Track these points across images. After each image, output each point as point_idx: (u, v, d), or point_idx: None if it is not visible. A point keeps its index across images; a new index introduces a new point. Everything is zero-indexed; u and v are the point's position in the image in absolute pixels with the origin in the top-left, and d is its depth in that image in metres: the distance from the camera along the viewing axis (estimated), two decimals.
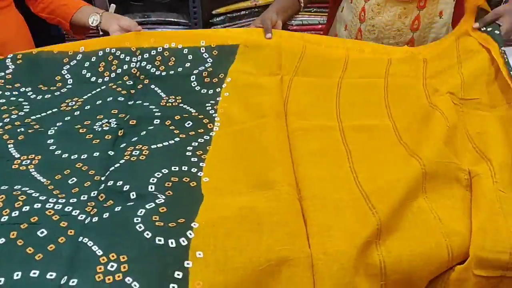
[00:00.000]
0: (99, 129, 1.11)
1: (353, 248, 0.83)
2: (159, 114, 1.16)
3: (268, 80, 1.26)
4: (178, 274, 0.79)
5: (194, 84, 1.27)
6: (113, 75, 1.28)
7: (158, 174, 0.98)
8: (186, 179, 0.99)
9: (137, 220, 0.87)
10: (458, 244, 0.87)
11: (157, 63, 1.30)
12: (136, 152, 1.03)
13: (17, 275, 0.77)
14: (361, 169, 1.00)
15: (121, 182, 0.95)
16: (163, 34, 1.37)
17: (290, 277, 0.81)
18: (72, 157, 1.04)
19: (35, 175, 0.99)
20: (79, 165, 1.02)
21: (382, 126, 1.13)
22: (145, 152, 1.03)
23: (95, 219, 0.88)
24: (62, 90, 1.26)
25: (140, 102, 1.21)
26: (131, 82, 1.26)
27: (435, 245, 0.86)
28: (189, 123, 1.14)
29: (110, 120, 1.14)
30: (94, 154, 1.04)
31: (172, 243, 0.84)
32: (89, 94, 1.24)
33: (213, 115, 1.18)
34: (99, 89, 1.25)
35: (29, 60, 1.29)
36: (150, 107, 1.19)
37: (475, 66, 1.24)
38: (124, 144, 1.06)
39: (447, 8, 1.45)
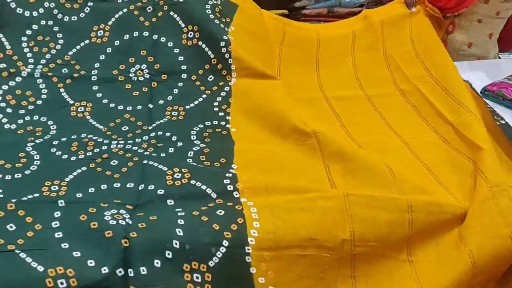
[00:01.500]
0: (135, 78, 1.31)
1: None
2: (185, 67, 1.34)
3: (260, 39, 1.49)
4: (229, 175, 1.05)
5: (208, 12, 1.41)
6: None
7: (196, 128, 1.23)
8: (218, 130, 1.23)
9: (189, 159, 1.12)
10: None
11: None
12: (175, 113, 1.26)
13: (104, 186, 1.02)
14: (350, 127, 1.30)
15: (168, 133, 1.20)
16: None
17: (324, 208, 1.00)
18: (119, 107, 1.26)
19: (93, 123, 1.21)
20: (127, 115, 1.24)
21: (357, 96, 1.43)
22: (182, 112, 1.27)
23: (154, 154, 1.13)
24: (85, 10, 1.37)
25: (164, 39, 1.36)
26: (151, 8, 1.39)
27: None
28: (211, 77, 1.35)
29: (142, 67, 1.32)
30: (138, 107, 1.26)
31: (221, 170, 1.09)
32: (113, 19, 1.37)
33: (229, 60, 1.37)
34: (121, 13, 1.38)
35: None
36: (175, 50, 1.36)
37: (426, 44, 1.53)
38: (162, 102, 1.28)
39: None
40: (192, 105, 1.29)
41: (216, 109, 1.30)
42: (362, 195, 1.02)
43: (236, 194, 1.01)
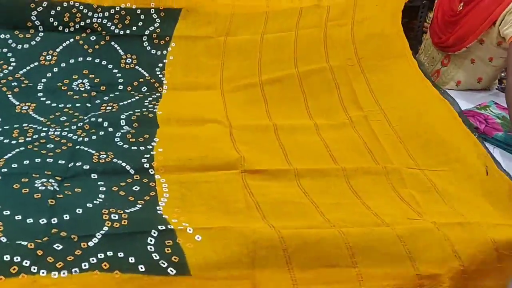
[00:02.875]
0: (77, 88, 1.52)
1: None
2: (122, 80, 1.56)
3: (204, 44, 1.66)
4: (147, 155, 1.24)
5: (145, 44, 1.64)
6: (77, 26, 1.61)
7: (126, 113, 1.41)
8: (145, 113, 1.43)
9: (117, 139, 1.32)
10: None
11: (116, 21, 1.63)
12: (109, 107, 1.46)
13: (37, 160, 1.20)
14: (275, 115, 1.47)
15: (100, 119, 1.38)
16: None
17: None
18: (59, 105, 1.45)
19: (35, 116, 1.40)
20: (66, 110, 1.44)
21: (289, 75, 1.57)
22: (116, 107, 1.47)
23: (86, 139, 1.32)
24: (36, 39, 1.58)
25: (105, 62, 1.59)
26: (94, 38, 1.61)
27: None
28: (144, 88, 1.57)
29: (84, 81, 1.54)
30: (77, 105, 1.46)
31: (142, 147, 1.29)
32: (61, 47, 1.59)
33: (162, 79, 1.60)
34: (68, 42, 1.60)
35: None
36: (114, 71, 1.58)
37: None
38: (99, 101, 1.49)
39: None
40: (125, 102, 1.50)
41: (146, 102, 1.50)
42: (257, 170, 1.23)
43: (152, 171, 1.21)
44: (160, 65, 1.62)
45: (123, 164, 1.23)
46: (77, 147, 1.28)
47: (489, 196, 1.17)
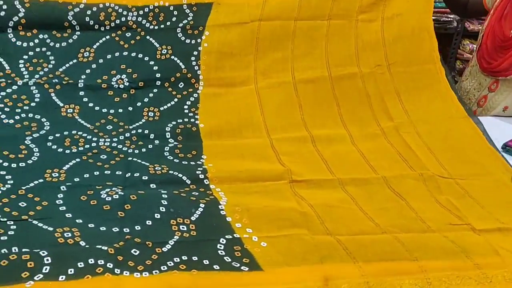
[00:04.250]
0: (116, 85, 1.53)
1: None
2: (159, 75, 1.58)
3: (238, 31, 1.63)
4: (200, 169, 1.31)
5: (180, 35, 1.65)
6: (113, 24, 1.61)
7: (170, 125, 1.47)
8: (189, 126, 1.48)
9: (166, 153, 1.38)
10: None
11: (150, 18, 1.64)
12: (151, 114, 1.50)
13: (96, 173, 1.26)
14: (311, 122, 1.53)
15: (146, 131, 1.43)
16: None
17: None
18: (103, 110, 1.48)
19: (81, 121, 1.43)
20: (110, 117, 1.47)
21: (322, 78, 1.59)
22: (157, 113, 1.51)
23: (136, 151, 1.37)
24: (73, 37, 1.59)
25: (141, 55, 1.60)
26: (130, 34, 1.62)
27: None
28: (181, 84, 1.59)
29: (122, 77, 1.55)
30: (119, 110, 1.49)
31: (192, 162, 1.35)
32: (98, 44, 1.59)
33: (197, 71, 1.61)
34: (104, 39, 1.60)
35: (36, 5, 1.57)
36: (150, 63, 1.60)
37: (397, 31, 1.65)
38: (140, 104, 1.51)
39: None
40: (165, 107, 1.53)
41: (186, 111, 1.54)
42: (304, 180, 1.31)
43: (206, 182, 1.28)
44: (195, 53, 1.62)
45: (180, 175, 1.28)
46: (130, 158, 1.33)
47: None
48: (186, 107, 1.55)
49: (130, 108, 1.50)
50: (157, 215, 1.12)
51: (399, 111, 1.58)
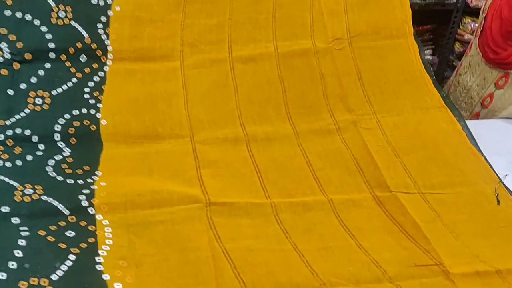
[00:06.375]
0: None
1: None
2: (53, 45, 1.21)
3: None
4: (86, 191, 1.00)
5: None
6: None
7: (61, 121, 1.13)
8: (86, 122, 1.14)
9: (49, 169, 1.05)
10: None
11: None
12: (39, 101, 1.14)
13: None
14: (247, 112, 1.21)
15: (28, 132, 1.09)
16: None
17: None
18: None
19: None
20: None
21: (266, 55, 1.26)
22: (47, 100, 1.15)
23: (8, 164, 1.03)
24: None
25: (30, 17, 1.23)
26: None
27: None
28: (83, 57, 1.23)
29: (2, 46, 1.17)
30: None
31: (80, 181, 1.03)
32: None
33: (105, 42, 1.26)
34: None
35: None
36: (42, 28, 1.23)
37: None
38: (25, 86, 1.15)
39: None
40: (59, 90, 1.18)
41: (86, 96, 1.19)
42: (225, 202, 1.00)
43: (92, 211, 0.96)
44: (103, 18, 1.27)
45: (55, 203, 0.96)
46: None
47: (503, 230, 1.01)
48: (87, 90, 1.20)
49: (11, 92, 1.14)
50: (2, 276, 0.81)
51: (359, 98, 1.26)
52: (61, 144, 1.10)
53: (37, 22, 1.22)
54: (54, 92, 1.17)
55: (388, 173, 1.12)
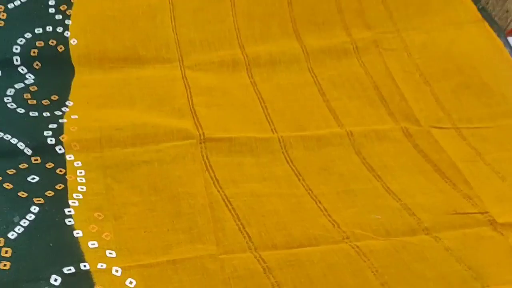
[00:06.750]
0: None
1: None
2: None
3: None
4: (53, 126, 0.84)
5: None
6: None
7: (21, 41, 0.94)
8: (52, 42, 0.96)
9: (8, 99, 0.88)
10: None
11: None
12: None
13: None
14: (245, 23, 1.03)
15: None
16: None
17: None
18: None
19: None
20: None
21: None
22: (3, 15, 0.96)
23: None
24: None
25: None
26: None
27: None
28: None
29: None
30: None
31: (46, 114, 0.87)
32: None
33: None
34: None
35: None
36: None
37: None
38: None
39: None
40: (17, 2, 0.99)
41: (51, 9, 1.00)
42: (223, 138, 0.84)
43: (60, 150, 0.80)
44: None
45: (13, 141, 0.80)
46: None
47: None
48: (52, 3, 1.01)
49: None
50: None
51: (380, 13, 1.08)
52: (22, 70, 0.92)
53: None
54: (10, 5, 0.98)
55: (417, 105, 0.96)
